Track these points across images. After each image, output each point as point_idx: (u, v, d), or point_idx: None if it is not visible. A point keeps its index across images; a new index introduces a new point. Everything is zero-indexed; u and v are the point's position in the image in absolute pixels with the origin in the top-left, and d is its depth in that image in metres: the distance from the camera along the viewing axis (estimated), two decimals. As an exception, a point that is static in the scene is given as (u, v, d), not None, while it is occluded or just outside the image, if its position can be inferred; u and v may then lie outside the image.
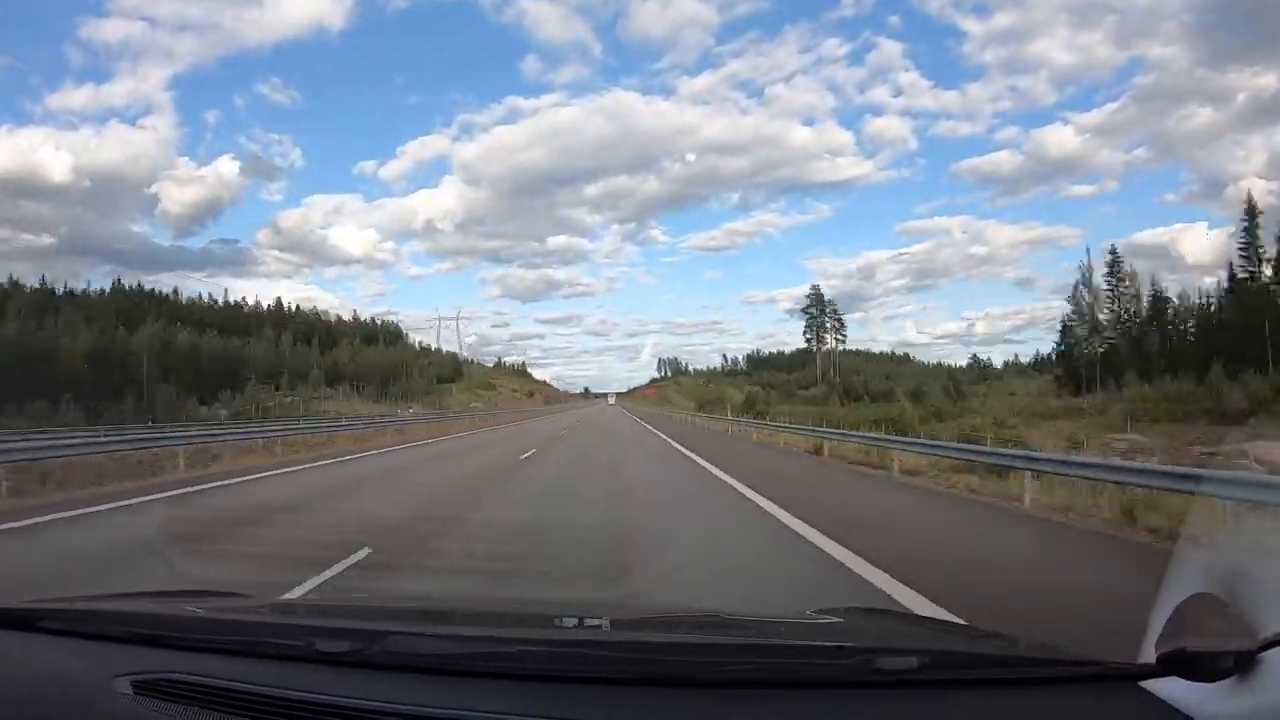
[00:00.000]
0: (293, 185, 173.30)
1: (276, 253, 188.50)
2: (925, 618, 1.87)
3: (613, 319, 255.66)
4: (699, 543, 6.66)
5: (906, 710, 1.22)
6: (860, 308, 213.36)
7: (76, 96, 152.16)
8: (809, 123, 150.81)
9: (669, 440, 23.98)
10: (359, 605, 2.13)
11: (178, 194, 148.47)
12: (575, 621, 1.85)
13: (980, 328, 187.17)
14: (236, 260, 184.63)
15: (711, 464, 14.51)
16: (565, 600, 3.79)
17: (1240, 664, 1.06)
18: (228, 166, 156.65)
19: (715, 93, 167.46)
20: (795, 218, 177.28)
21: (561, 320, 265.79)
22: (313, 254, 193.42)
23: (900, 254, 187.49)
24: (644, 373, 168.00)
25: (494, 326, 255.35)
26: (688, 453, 18.06)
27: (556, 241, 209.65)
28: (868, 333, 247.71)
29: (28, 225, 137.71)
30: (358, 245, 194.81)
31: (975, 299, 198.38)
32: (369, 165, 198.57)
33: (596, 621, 1.86)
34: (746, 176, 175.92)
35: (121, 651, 1.43)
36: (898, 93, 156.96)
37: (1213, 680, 1.08)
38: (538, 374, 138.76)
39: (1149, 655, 1.18)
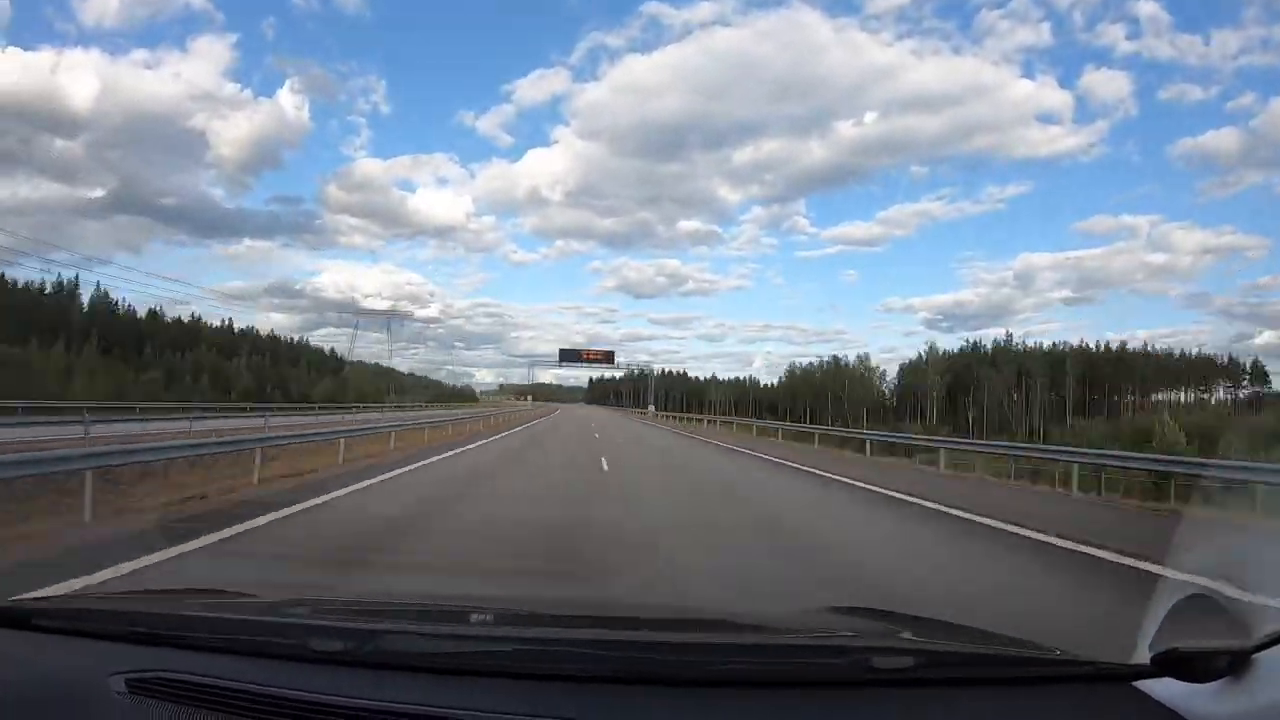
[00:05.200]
0: (375, 134, 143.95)
1: (349, 218, 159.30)
2: (919, 617, 1.87)
3: (730, 322, 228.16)
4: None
5: (903, 710, 1.22)
6: (1004, 322, 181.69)
7: (105, 6, 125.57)
8: (1029, 74, 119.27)
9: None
10: (353, 604, 2.13)
11: (231, 132, 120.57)
12: (570, 620, 1.85)
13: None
14: (307, 227, 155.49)
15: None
16: (560, 598, 3.79)
17: (1234, 665, 1.06)
18: (291, 100, 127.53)
19: (913, 18, 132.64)
20: (962, 207, 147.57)
21: (676, 321, 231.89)
22: (392, 220, 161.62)
23: (1068, 258, 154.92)
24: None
25: (602, 323, 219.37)
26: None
27: (686, 227, 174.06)
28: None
29: (70, 173, 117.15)
30: (447, 212, 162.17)
31: (1126, 318, 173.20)
32: (467, 116, 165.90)
33: (591, 620, 1.86)
34: (932, 147, 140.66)
35: (116, 650, 1.42)
36: (1133, 31, 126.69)
37: (1207, 681, 1.09)
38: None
39: (1143, 655, 1.18)
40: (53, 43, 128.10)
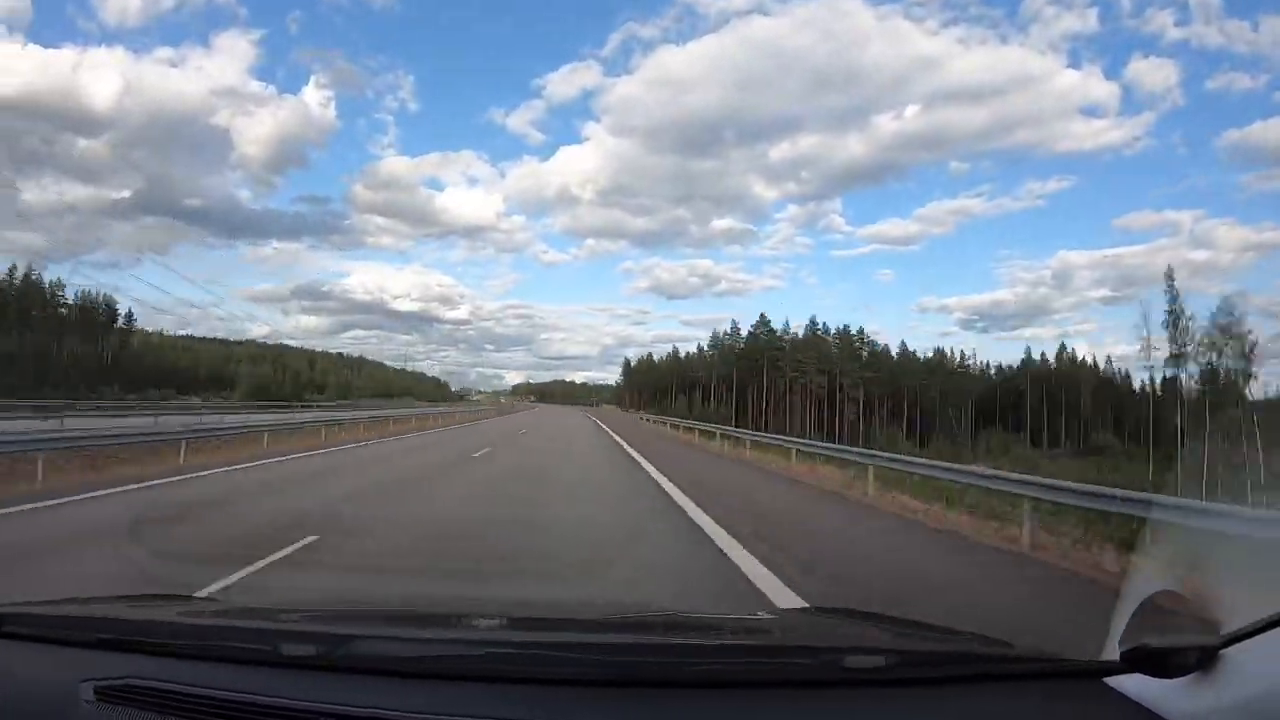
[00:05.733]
0: (403, 131, 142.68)
1: (378, 218, 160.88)
2: (891, 616, 1.88)
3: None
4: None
5: (876, 709, 1.23)
6: (1041, 323, 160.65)
7: (126, 4, 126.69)
8: (1075, 63, 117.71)
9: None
10: (324, 608, 2.11)
11: (256, 130, 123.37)
12: (543, 623, 1.84)
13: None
14: (335, 227, 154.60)
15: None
16: (532, 601, 3.77)
17: (1203, 660, 1.08)
18: (317, 96, 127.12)
19: (959, 4, 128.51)
20: (1001, 204, 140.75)
21: (709, 323, 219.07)
22: (420, 219, 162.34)
23: (1106, 255, 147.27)
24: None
25: (634, 325, 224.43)
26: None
27: (720, 226, 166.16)
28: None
29: (96, 174, 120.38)
30: (477, 211, 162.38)
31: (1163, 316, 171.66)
32: (497, 113, 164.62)
33: (564, 622, 1.85)
34: (973, 141, 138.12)
35: (86, 657, 1.40)
36: (1181, 17, 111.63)
37: (1176, 676, 1.10)
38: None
39: (1113, 652, 1.20)
40: (75, 41, 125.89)
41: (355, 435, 24.17)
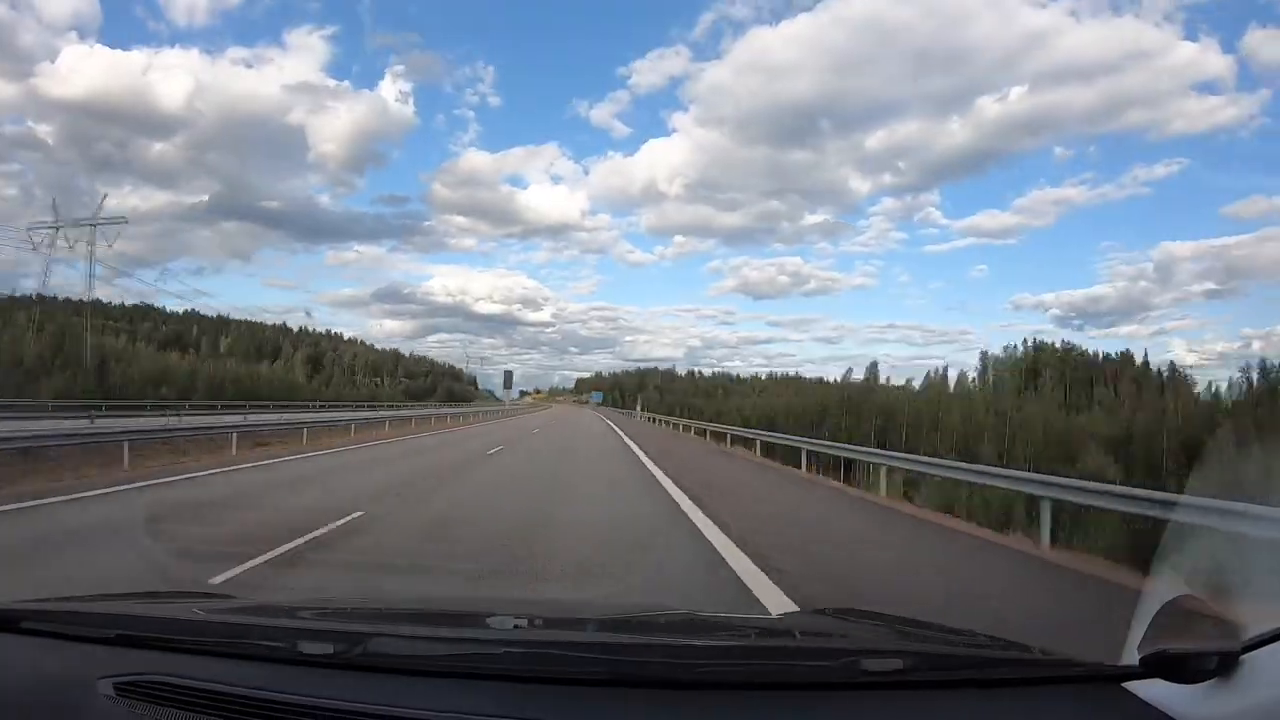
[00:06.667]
0: (483, 128, 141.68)
1: (459, 218, 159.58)
2: (905, 618, 1.87)
3: (849, 323, 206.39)
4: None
5: (891, 712, 1.22)
6: (1138, 319, 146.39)
7: (195, 3, 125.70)
8: (1191, 35, 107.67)
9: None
10: (342, 607, 2.13)
11: (332, 127, 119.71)
12: (560, 622, 1.85)
13: (1257, 346, 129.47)
14: (416, 229, 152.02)
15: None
16: (546, 601, 3.77)
17: (1223, 665, 1.07)
18: (394, 90, 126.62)
19: None
20: (1105, 192, 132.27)
21: (796, 324, 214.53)
22: (502, 218, 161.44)
23: (1212, 246, 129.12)
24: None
25: (720, 325, 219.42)
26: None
27: (812, 221, 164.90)
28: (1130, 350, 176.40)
29: (173, 178, 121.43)
30: (560, 209, 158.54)
31: (1270, 313, 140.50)
32: (580, 106, 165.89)
33: (578, 622, 1.86)
34: (1081, 123, 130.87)
35: (104, 653, 1.42)
36: None
37: (1196, 681, 1.09)
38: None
39: (1132, 657, 1.19)
40: (146, 44, 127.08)
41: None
